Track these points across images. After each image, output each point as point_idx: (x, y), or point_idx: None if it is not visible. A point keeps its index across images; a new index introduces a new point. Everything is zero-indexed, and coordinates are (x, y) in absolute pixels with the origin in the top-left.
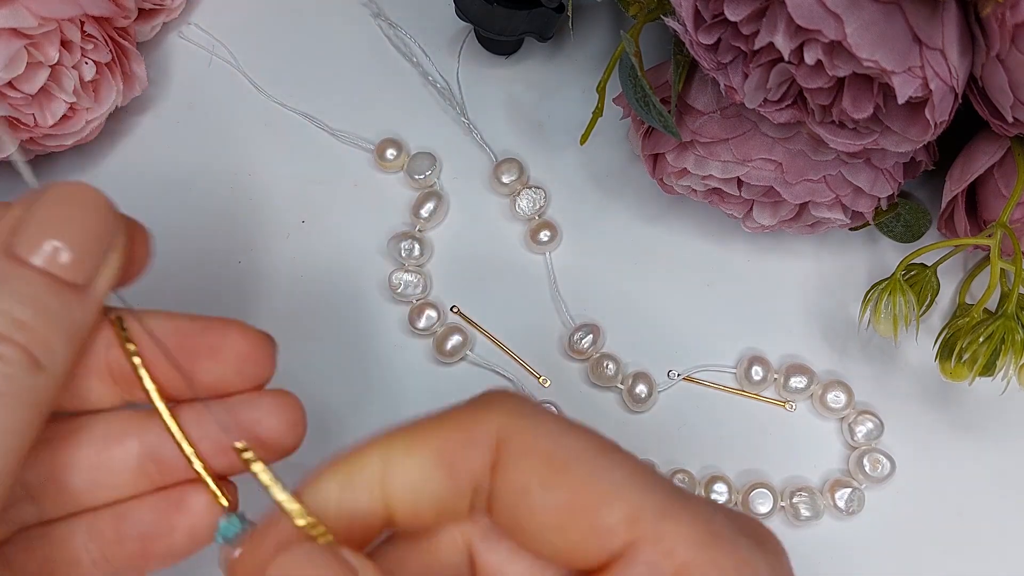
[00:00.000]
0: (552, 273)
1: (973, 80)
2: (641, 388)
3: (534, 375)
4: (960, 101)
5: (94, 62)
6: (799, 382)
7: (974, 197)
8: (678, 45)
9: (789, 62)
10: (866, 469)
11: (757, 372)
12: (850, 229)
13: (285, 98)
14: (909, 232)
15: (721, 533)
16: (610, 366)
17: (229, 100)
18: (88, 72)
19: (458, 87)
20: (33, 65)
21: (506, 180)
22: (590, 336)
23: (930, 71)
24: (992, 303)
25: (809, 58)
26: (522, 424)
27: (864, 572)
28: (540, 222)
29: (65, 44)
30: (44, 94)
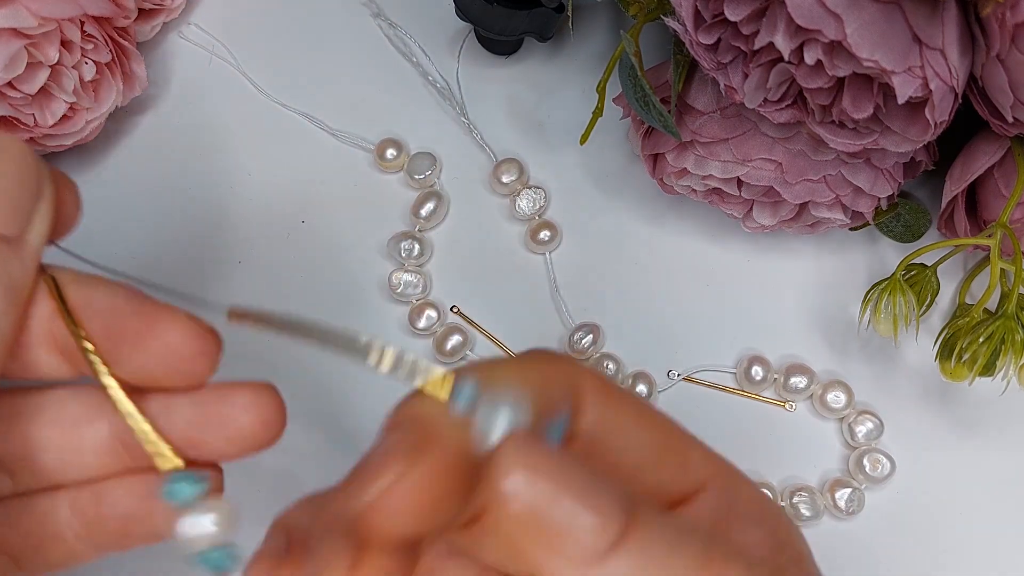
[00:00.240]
0: (552, 273)
1: (973, 80)
2: (641, 388)
3: None
4: (960, 101)
5: (94, 62)
6: (799, 382)
7: (974, 197)
8: (678, 45)
9: (789, 62)
10: (866, 469)
11: (757, 372)
12: (850, 229)
13: (285, 98)
14: (909, 232)
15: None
16: (610, 366)
17: (229, 100)
18: (88, 72)
19: (458, 87)
20: (33, 65)
21: (506, 180)
22: (590, 336)
23: (930, 71)
24: (992, 303)
25: (809, 58)
26: (593, 372)
27: (864, 572)
28: (540, 222)
29: (65, 44)
30: (44, 94)
